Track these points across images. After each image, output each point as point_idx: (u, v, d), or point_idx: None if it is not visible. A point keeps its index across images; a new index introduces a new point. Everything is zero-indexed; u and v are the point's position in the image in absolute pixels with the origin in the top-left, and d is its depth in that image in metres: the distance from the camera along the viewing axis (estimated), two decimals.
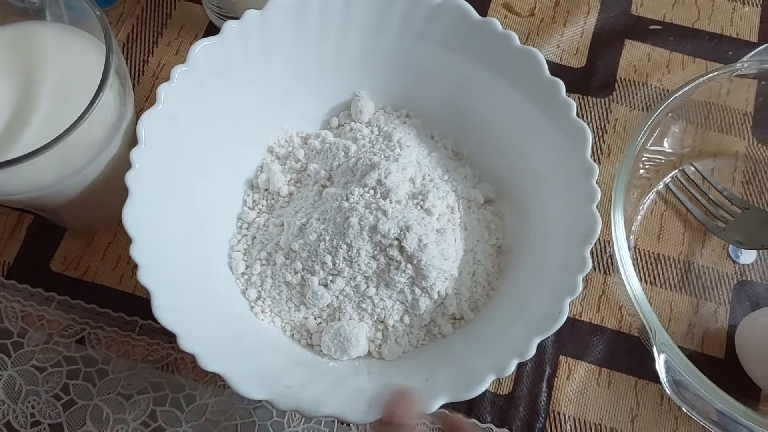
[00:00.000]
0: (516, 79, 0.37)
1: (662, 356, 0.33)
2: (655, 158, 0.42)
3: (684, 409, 0.33)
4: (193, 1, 0.48)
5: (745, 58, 0.39)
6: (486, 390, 0.37)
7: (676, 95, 0.38)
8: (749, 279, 0.40)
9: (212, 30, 0.47)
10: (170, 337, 0.38)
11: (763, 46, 0.40)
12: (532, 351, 0.30)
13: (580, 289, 0.31)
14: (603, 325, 0.39)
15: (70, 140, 0.31)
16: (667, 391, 0.32)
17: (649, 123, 0.37)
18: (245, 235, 0.38)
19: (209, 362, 0.30)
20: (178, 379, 0.38)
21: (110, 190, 0.37)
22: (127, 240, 0.32)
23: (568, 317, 0.39)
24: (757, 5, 0.48)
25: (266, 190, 0.40)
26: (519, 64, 0.37)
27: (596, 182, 0.33)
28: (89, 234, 0.41)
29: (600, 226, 0.32)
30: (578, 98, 0.45)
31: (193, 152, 0.36)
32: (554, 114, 0.36)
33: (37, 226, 0.41)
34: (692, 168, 0.42)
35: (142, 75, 0.46)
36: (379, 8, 0.38)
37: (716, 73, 0.39)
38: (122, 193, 0.33)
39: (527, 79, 0.37)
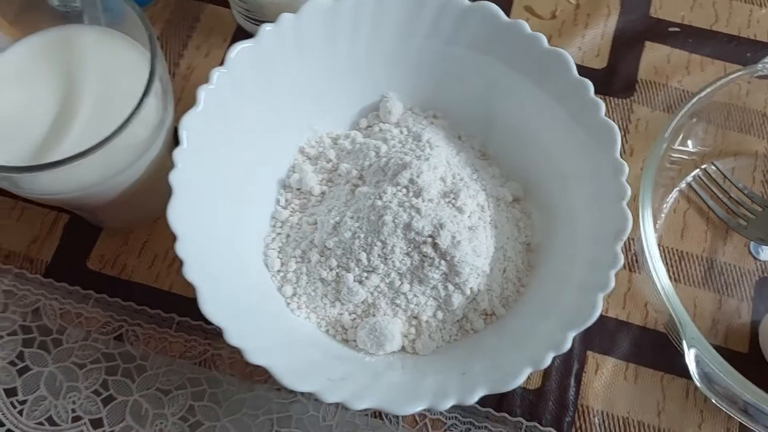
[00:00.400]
0: (543, 80, 0.38)
1: (692, 350, 0.34)
2: (678, 158, 0.43)
3: (714, 401, 0.33)
4: (221, 4, 0.49)
5: (766, 60, 0.40)
6: None
7: (699, 96, 0.39)
8: None
9: (240, 33, 0.48)
10: (207, 333, 0.39)
11: None
12: (568, 344, 0.31)
13: (613, 284, 0.32)
14: (629, 321, 0.40)
15: (116, 143, 0.32)
16: (698, 384, 0.33)
17: (674, 123, 0.38)
18: (279, 234, 0.39)
19: (255, 356, 0.31)
20: (216, 375, 0.38)
21: (148, 191, 0.38)
22: (164, 239, 0.33)
23: None
24: None
25: (298, 189, 0.41)
26: (547, 65, 0.38)
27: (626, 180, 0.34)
28: (125, 233, 0.42)
29: (631, 223, 0.33)
30: (601, 99, 0.46)
31: (229, 152, 0.37)
32: (582, 114, 0.37)
33: (73, 226, 0.42)
34: (713, 167, 0.43)
35: (173, 78, 0.47)
36: (410, 11, 0.39)
37: (737, 74, 0.40)
38: (159, 193, 0.34)
39: (555, 80, 0.38)
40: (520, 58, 0.39)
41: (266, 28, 0.37)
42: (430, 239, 0.35)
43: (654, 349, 0.40)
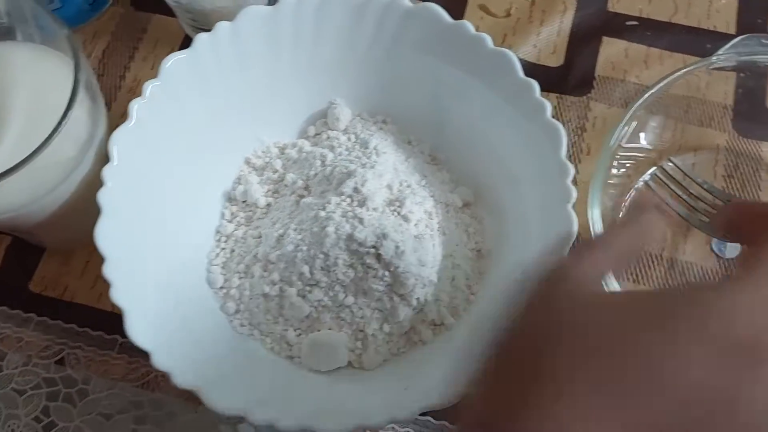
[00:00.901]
0: (491, 81, 0.37)
1: None
2: (635, 155, 0.41)
3: None
4: (168, 14, 0.48)
5: (720, 51, 0.39)
6: None
7: (651, 92, 0.37)
8: (733, 273, 0.40)
9: (188, 43, 0.46)
10: (149, 355, 0.38)
11: (739, 37, 0.39)
12: None
13: None
14: None
15: (40, 160, 0.30)
16: None
17: (625, 120, 0.37)
18: (223, 249, 0.38)
19: (183, 379, 0.29)
20: (159, 397, 0.37)
21: (85, 209, 0.36)
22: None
23: None
24: None
25: (244, 202, 0.39)
26: (493, 66, 0.37)
27: (572, 182, 0.33)
28: (67, 253, 0.41)
29: (576, 227, 0.32)
30: (556, 97, 0.45)
31: (169, 167, 0.36)
32: (529, 115, 0.35)
33: (16, 247, 0.41)
34: (671, 164, 0.42)
35: (119, 91, 0.46)
36: (352, 15, 0.38)
37: (691, 67, 0.39)
38: (96, 212, 0.32)
39: (502, 80, 0.37)
40: (466, 59, 0.37)
41: (202, 37, 0.36)
42: (373, 250, 0.34)
43: None
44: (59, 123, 0.31)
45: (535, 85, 0.35)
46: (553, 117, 0.34)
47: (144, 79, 0.45)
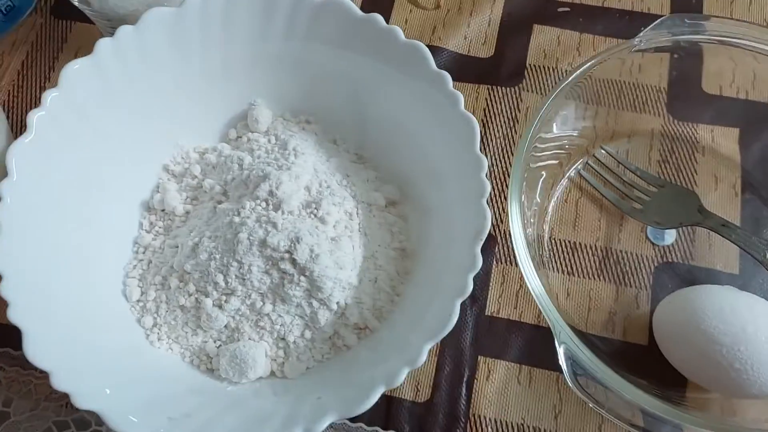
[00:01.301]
0: (406, 74, 0.36)
1: (562, 347, 0.31)
2: (564, 144, 0.40)
3: (591, 406, 0.31)
4: (90, 22, 0.46)
5: (641, 33, 0.38)
6: (404, 398, 0.36)
7: (571, 77, 0.36)
8: (670, 260, 0.39)
9: None
10: None
11: (661, 18, 0.38)
12: (423, 357, 0.29)
13: (470, 288, 0.30)
14: (522, 320, 0.38)
15: None
16: (568, 382, 0.31)
17: (545, 107, 0.36)
18: (141, 260, 0.37)
19: (83, 400, 0.28)
20: (84, 416, 0.36)
21: None
22: None
23: (485, 316, 0.38)
24: None
25: (162, 210, 0.38)
26: (406, 58, 0.36)
27: (486, 176, 0.32)
28: None
29: (489, 222, 0.31)
30: (488, 89, 0.44)
31: (77, 180, 0.35)
32: (444, 108, 0.34)
33: None
34: (602, 151, 0.41)
35: (38, 103, 0.44)
36: (261, 13, 0.37)
37: (613, 51, 0.38)
38: None
39: (416, 73, 0.35)
40: (380, 51, 0.36)
41: (103, 42, 0.35)
42: (287, 255, 0.33)
43: (549, 348, 0.37)
44: None
45: (447, 77, 0.34)
46: (485, 109, 0.33)
47: None
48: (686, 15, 0.38)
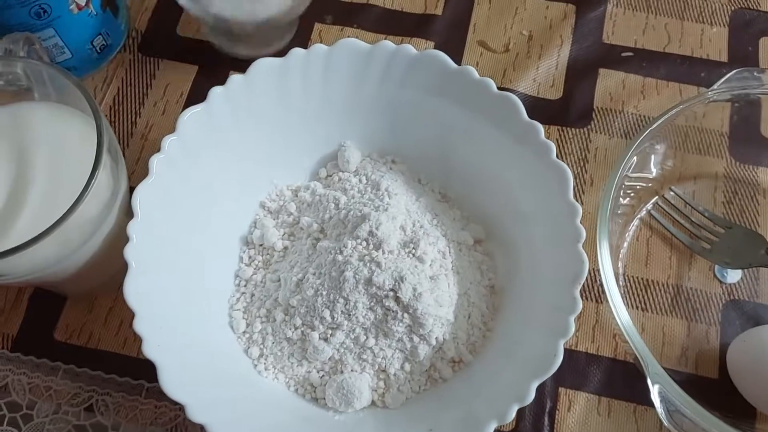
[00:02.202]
0: (497, 122, 0.38)
1: (656, 387, 0.34)
2: (637, 185, 0.43)
3: None
4: (176, 59, 0.49)
5: (715, 85, 0.40)
6: None
7: (652, 127, 0.39)
8: (737, 298, 0.41)
9: (197, 88, 0.48)
10: None
11: (733, 72, 0.41)
12: (531, 395, 0.31)
13: (573, 330, 0.32)
14: (599, 354, 0.40)
15: (67, 224, 0.31)
16: (664, 422, 0.33)
17: (629, 155, 0.38)
18: (244, 293, 0.39)
19: (220, 430, 0.31)
20: None
21: (108, 260, 0.37)
22: (129, 310, 0.32)
23: (564, 349, 0.40)
24: (724, 25, 0.50)
25: (261, 245, 0.41)
26: (498, 108, 0.38)
27: (580, 221, 0.35)
28: (90, 301, 0.42)
29: (587, 266, 0.33)
30: (558, 130, 0.46)
31: (188, 217, 0.37)
32: (535, 156, 0.37)
33: (38, 297, 0.42)
34: (672, 192, 0.43)
35: (131, 137, 0.47)
36: (359, 63, 0.39)
37: (690, 102, 0.40)
38: (120, 260, 0.33)
39: (507, 122, 0.38)
40: (472, 100, 0.39)
41: (216, 90, 0.38)
42: (391, 293, 0.35)
43: (626, 380, 0.40)
44: (84, 189, 0.32)
45: (540, 128, 0.37)
46: (556, 149, 0.36)
47: (156, 124, 0.47)
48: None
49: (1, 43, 0.36)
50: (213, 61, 0.49)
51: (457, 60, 0.49)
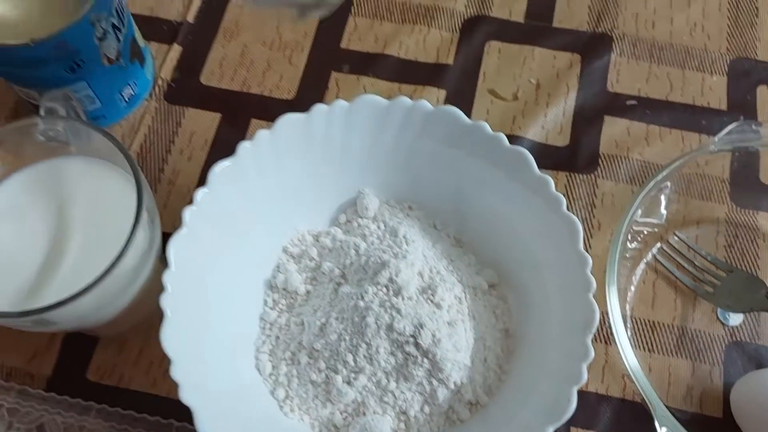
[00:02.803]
0: (510, 174, 0.41)
1: (663, 429, 0.35)
2: (644, 230, 0.45)
3: None
4: (201, 107, 0.51)
5: (716, 138, 0.43)
6: None
7: (657, 178, 0.41)
8: (739, 340, 0.43)
9: (221, 135, 0.50)
10: None
11: (733, 125, 0.43)
12: None
13: (586, 377, 0.34)
14: (609, 394, 0.42)
15: (108, 278, 0.33)
16: None
17: (635, 204, 0.40)
18: (269, 336, 0.41)
19: None
20: None
21: (142, 306, 0.40)
22: (158, 345, 0.34)
23: None
24: (723, 74, 0.52)
25: (284, 289, 0.43)
26: (510, 162, 0.40)
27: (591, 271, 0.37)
28: (121, 342, 0.44)
29: (598, 316, 0.35)
30: (566, 176, 0.48)
31: (217, 264, 0.39)
32: (546, 208, 0.39)
33: (70, 338, 0.44)
34: (676, 237, 0.45)
35: (158, 183, 0.49)
36: (378, 117, 0.42)
37: (693, 155, 0.42)
38: (151, 305, 0.35)
39: (520, 175, 0.40)
40: (486, 153, 0.41)
41: (244, 145, 0.40)
42: (411, 339, 0.37)
43: (634, 420, 0.41)
44: (125, 246, 0.34)
45: (550, 182, 0.39)
46: (565, 194, 0.38)
47: (182, 170, 0.49)
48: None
49: (42, 101, 0.38)
50: (235, 109, 0.51)
51: (469, 107, 0.51)
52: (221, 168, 0.39)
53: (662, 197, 0.45)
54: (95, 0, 0.41)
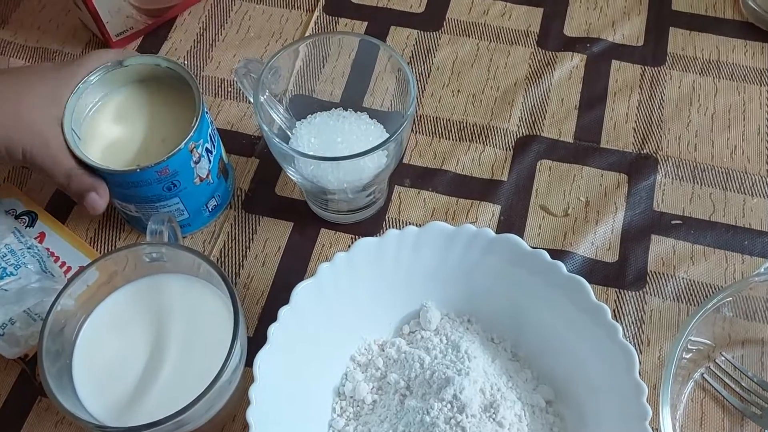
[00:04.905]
0: (567, 298, 0.44)
1: None
2: (692, 349, 0.47)
3: None
4: (275, 216, 0.56)
5: (763, 268, 0.46)
6: None
7: (706, 308, 0.44)
8: None
9: (292, 242, 0.54)
10: None
11: None
12: None
13: None
14: None
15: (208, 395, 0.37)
16: None
17: (692, 325, 0.43)
18: None
19: None
20: None
21: (224, 415, 0.43)
22: None
23: None
24: (764, 196, 0.55)
25: (352, 397, 0.46)
26: (568, 288, 0.43)
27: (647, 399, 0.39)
28: None
29: None
30: (616, 292, 0.51)
31: (294, 374, 0.43)
32: (602, 335, 0.42)
33: None
34: (722, 357, 0.48)
35: (235, 287, 0.53)
36: (444, 241, 0.46)
37: (744, 282, 0.45)
38: (229, 413, 0.38)
39: (576, 300, 0.43)
40: (544, 278, 0.44)
41: (324, 266, 0.44)
42: None
43: None
44: (221, 370, 0.37)
45: (607, 310, 0.42)
46: (613, 311, 0.40)
47: (256, 275, 0.53)
48: None
49: (149, 224, 0.43)
50: (305, 219, 0.55)
51: (522, 222, 0.55)
52: (302, 287, 0.43)
53: (709, 318, 0.48)
54: (195, 131, 0.46)
